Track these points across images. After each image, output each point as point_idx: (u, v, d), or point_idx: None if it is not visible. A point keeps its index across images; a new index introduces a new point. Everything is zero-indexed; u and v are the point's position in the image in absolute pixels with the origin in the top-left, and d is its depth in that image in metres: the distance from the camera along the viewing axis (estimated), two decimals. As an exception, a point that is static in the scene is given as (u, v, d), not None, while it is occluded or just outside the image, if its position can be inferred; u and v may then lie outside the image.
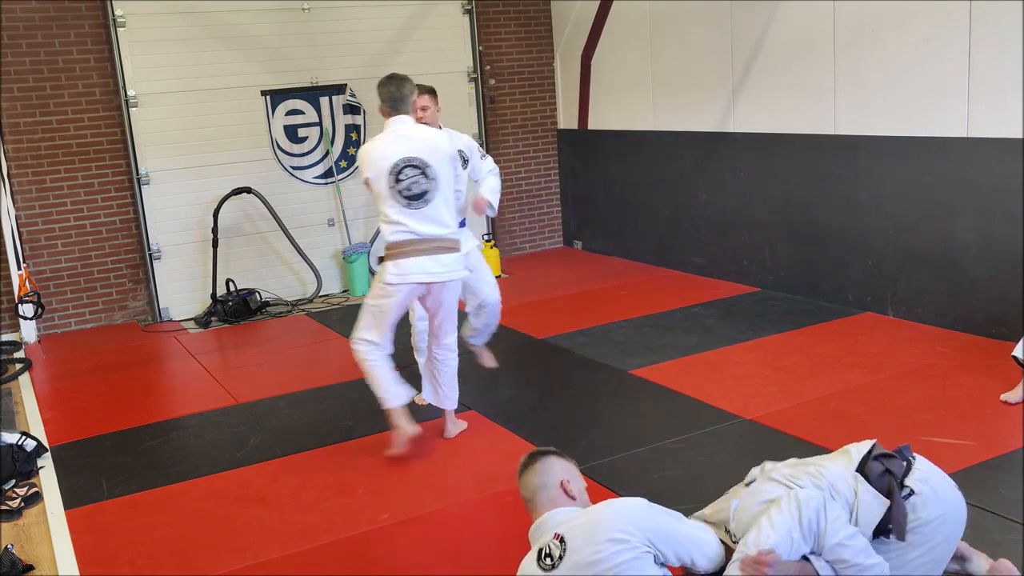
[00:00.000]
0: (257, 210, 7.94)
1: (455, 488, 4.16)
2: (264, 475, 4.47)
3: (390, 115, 4.47)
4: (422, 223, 4.33)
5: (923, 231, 5.95)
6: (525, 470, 2.94)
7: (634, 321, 6.60)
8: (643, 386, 5.30)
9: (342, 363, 5.54)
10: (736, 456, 4.25)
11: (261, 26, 7.88)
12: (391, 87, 4.47)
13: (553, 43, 9.31)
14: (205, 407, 5.49)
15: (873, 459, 2.93)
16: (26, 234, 7.30)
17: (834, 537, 2.72)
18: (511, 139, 9.24)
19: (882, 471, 2.88)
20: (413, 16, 8.50)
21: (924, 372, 5.15)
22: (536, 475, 2.90)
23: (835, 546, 2.71)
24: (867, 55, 6.09)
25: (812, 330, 6.10)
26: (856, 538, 2.74)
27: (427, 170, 4.33)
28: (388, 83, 4.49)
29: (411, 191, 4.31)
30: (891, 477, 2.87)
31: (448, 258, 4.40)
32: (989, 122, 5.42)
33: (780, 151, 6.92)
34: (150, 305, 7.84)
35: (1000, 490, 3.69)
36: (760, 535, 2.74)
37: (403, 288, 4.38)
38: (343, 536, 3.80)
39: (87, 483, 4.49)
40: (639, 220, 8.56)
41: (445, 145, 4.45)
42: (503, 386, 5.54)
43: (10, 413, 5.61)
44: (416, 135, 4.41)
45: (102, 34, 7.37)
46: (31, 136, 7.25)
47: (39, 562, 3.73)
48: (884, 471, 2.88)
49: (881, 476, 2.87)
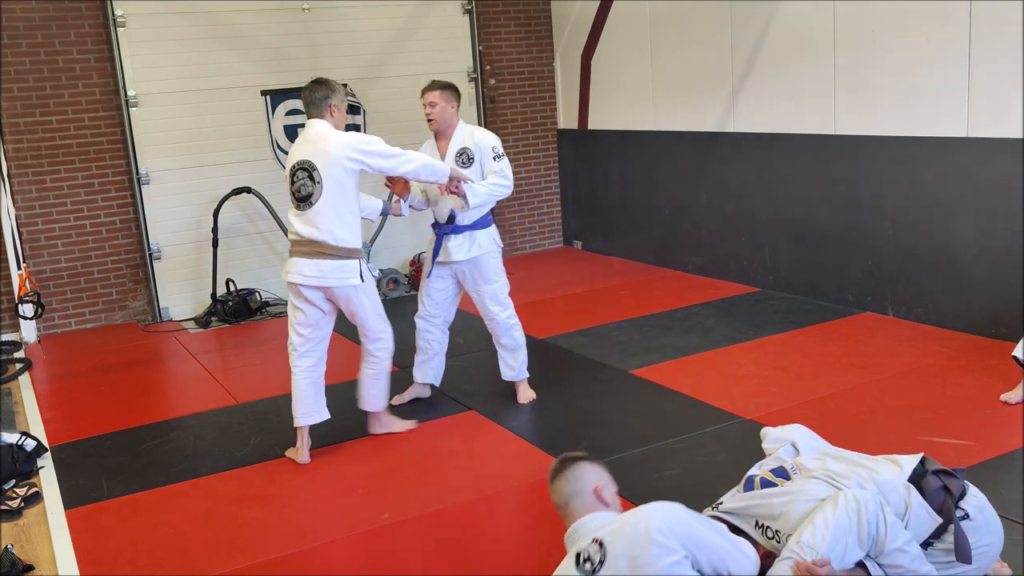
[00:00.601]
0: (257, 210, 7.94)
1: (455, 488, 4.16)
2: (264, 475, 4.46)
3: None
4: (304, 226, 4.40)
5: (923, 231, 5.95)
6: (557, 476, 2.87)
7: (634, 321, 6.60)
8: (643, 386, 5.30)
9: (342, 363, 5.54)
10: (736, 456, 4.24)
11: (261, 26, 7.88)
12: (305, 91, 4.58)
13: (553, 43, 9.31)
14: (205, 407, 5.49)
15: (932, 473, 2.88)
16: (26, 234, 7.30)
17: (894, 542, 2.66)
18: (511, 139, 9.23)
19: (939, 487, 2.84)
20: (413, 16, 8.50)
21: (924, 372, 5.15)
22: (568, 482, 2.84)
23: (894, 551, 2.66)
24: (867, 55, 6.09)
25: (812, 330, 6.10)
26: (913, 544, 2.70)
27: (313, 173, 4.36)
28: (305, 87, 4.60)
29: (300, 193, 4.40)
30: (948, 495, 2.82)
31: (328, 264, 4.39)
32: (989, 122, 5.42)
33: (780, 151, 6.92)
34: (150, 305, 7.84)
35: (1000, 490, 3.69)
36: (815, 535, 2.65)
37: (291, 287, 4.50)
38: (343, 536, 3.80)
39: (87, 483, 4.49)
40: (639, 220, 8.56)
41: (339, 150, 4.36)
42: (503, 386, 5.53)
43: (10, 413, 5.61)
44: (313, 139, 4.44)
45: (102, 34, 7.37)
46: (31, 136, 7.25)
47: (39, 562, 3.73)
48: (942, 487, 2.84)
49: (937, 492, 2.83)
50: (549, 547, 3.53)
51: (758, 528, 2.85)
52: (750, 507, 2.93)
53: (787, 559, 2.67)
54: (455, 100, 4.97)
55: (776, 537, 2.81)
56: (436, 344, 5.22)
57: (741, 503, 2.98)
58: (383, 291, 8.12)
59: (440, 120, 4.93)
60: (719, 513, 3.00)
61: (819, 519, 2.69)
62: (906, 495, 2.82)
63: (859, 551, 2.68)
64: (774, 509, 2.84)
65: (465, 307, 6.20)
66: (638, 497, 3.87)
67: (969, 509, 2.85)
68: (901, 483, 2.85)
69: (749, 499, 2.97)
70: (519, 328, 5.13)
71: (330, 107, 4.50)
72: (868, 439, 4.29)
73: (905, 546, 2.68)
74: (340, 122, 4.54)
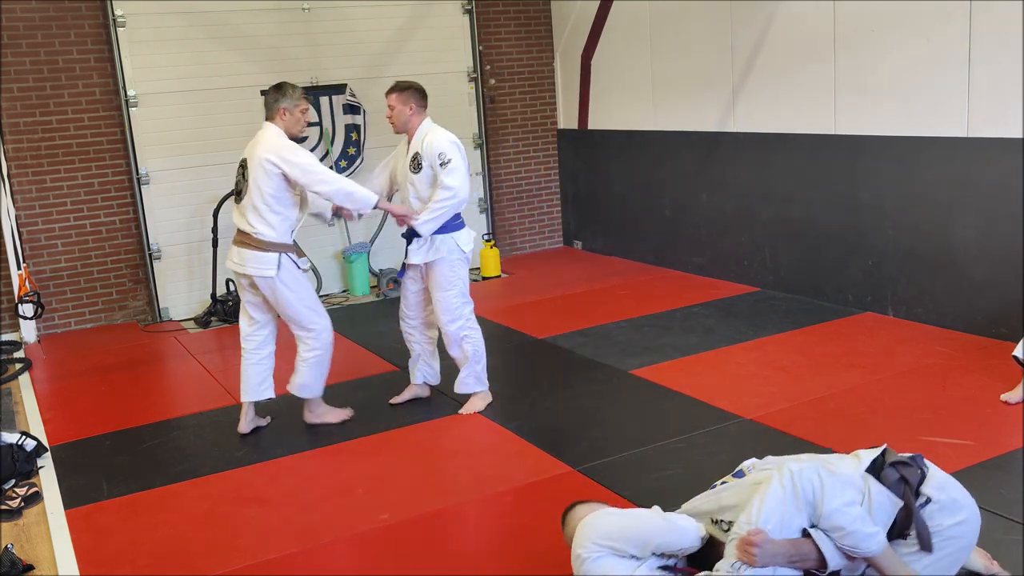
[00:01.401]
0: (257, 210, 7.93)
1: (455, 488, 4.16)
2: (264, 475, 4.47)
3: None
4: (237, 217, 4.83)
5: (923, 231, 5.95)
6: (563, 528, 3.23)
7: (634, 321, 6.60)
8: (643, 386, 5.30)
9: (341, 363, 5.54)
10: (736, 456, 4.23)
11: (261, 26, 7.88)
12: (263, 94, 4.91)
13: (553, 43, 9.31)
14: (205, 407, 5.49)
15: (888, 466, 2.88)
16: (26, 234, 7.30)
17: (831, 503, 2.67)
18: (511, 139, 9.24)
19: (897, 478, 2.83)
20: (413, 16, 8.50)
21: (924, 372, 5.15)
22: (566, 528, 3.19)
23: (832, 512, 2.67)
24: (867, 55, 6.09)
25: (812, 330, 6.10)
26: (853, 506, 2.69)
27: (245, 171, 4.73)
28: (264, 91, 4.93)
29: (236, 187, 4.84)
30: (907, 486, 2.82)
31: (249, 254, 4.72)
32: (989, 122, 5.43)
33: (780, 151, 6.92)
34: (150, 305, 7.84)
35: (1000, 490, 3.69)
36: (752, 512, 2.72)
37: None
38: (343, 536, 3.80)
39: (87, 483, 4.49)
40: (639, 220, 8.56)
41: (264, 153, 4.61)
42: (503, 386, 5.53)
43: (10, 413, 5.61)
44: (256, 139, 4.74)
45: (102, 34, 7.37)
46: (31, 136, 7.26)
47: (39, 562, 3.73)
48: (899, 478, 2.83)
49: (896, 483, 2.83)
50: (549, 547, 3.54)
51: (714, 524, 2.91)
52: (702, 504, 3.02)
53: (732, 539, 2.74)
54: (414, 101, 4.90)
55: (729, 527, 2.85)
56: (417, 345, 5.20)
57: (695, 503, 3.06)
58: (383, 290, 8.13)
59: (398, 123, 4.94)
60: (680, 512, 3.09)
61: (755, 498, 2.76)
62: (863, 484, 2.82)
63: (799, 517, 2.71)
64: (723, 501, 2.93)
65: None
66: (638, 497, 3.88)
67: (930, 492, 2.82)
68: (859, 474, 2.86)
69: (704, 497, 3.06)
70: (472, 341, 4.98)
71: (279, 111, 4.71)
72: (868, 439, 4.28)
73: (844, 507, 2.68)
74: (292, 125, 4.73)
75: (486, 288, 8.24)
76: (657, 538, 2.88)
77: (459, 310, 4.94)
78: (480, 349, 5.04)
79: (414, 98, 4.90)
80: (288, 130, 4.72)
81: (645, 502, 3.83)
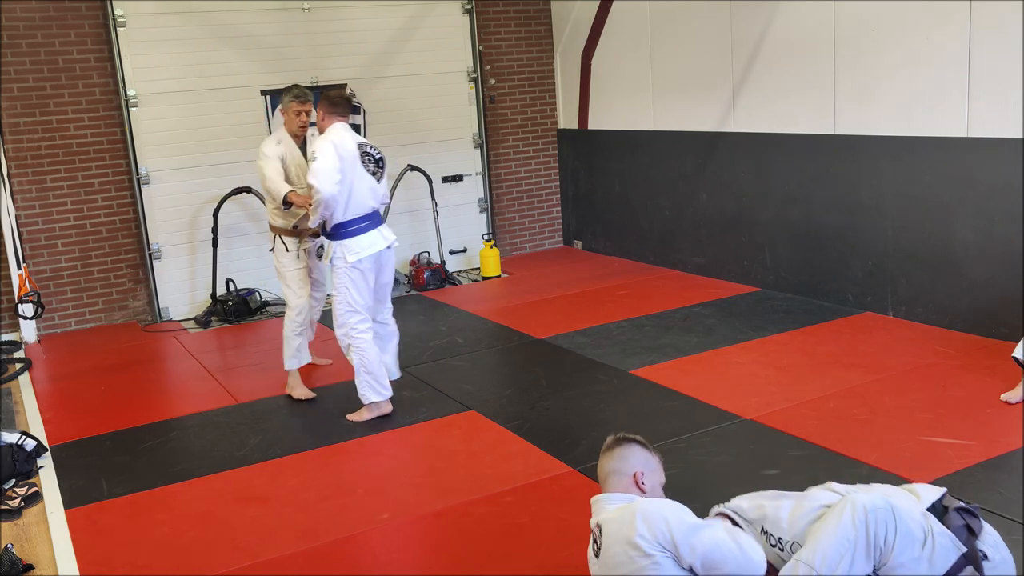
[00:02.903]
0: (257, 210, 7.93)
1: (455, 488, 4.16)
2: (264, 475, 4.46)
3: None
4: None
5: (923, 231, 5.95)
6: (606, 451, 2.95)
7: (634, 321, 6.60)
8: (643, 386, 5.30)
9: (341, 363, 5.54)
10: (736, 456, 4.25)
11: (261, 26, 7.88)
12: None
13: (553, 43, 9.31)
14: (205, 407, 5.49)
15: (954, 511, 2.75)
16: (26, 234, 7.30)
17: (901, 555, 2.49)
18: (511, 139, 9.24)
19: (961, 525, 2.71)
20: (413, 16, 8.50)
21: (924, 372, 5.14)
22: (613, 459, 2.92)
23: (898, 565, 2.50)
24: (867, 55, 6.09)
25: (812, 330, 6.10)
26: (922, 563, 2.52)
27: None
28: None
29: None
30: (971, 535, 2.69)
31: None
32: (989, 122, 5.43)
33: (780, 151, 6.92)
34: (150, 305, 7.84)
35: (1000, 490, 3.69)
36: (816, 550, 2.51)
37: None
38: (343, 536, 3.80)
39: (87, 483, 4.49)
40: (639, 220, 8.56)
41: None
42: (503, 386, 5.54)
43: (10, 413, 5.61)
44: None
45: (102, 34, 7.37)
46: (31, 136, 7.25)
47: (39, 562, 3.73)
48: (964, 526, 2.71)
49: (960, 529, 2.71)
50: (549, 547, 3.54)
51: (763, 534, 2.76)
52: (758, 508, 2.84)
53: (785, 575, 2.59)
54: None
55: (779, 545, 2.72)
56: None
57: (750, 502, 2.89)
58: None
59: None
60: (726, 509, 2.93)
61: (822, 532, 2.54)
62: (924, 522, 2.67)
63: (866, 565, 2.53)
64: (781, 512, 2.75)
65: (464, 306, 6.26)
66: (638, 497, 3.87)
67: (987, 550, 2.72)
68: (919, 511, 2.71)
69: (759, 498, 2.88)
70: (357, 351, 4.98)
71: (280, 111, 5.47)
72: (868, 439, 4.30)
73: (912, 562, 2.51)
74: (288, 123, 5.43)
75: (486, 288, 8.24)
76: (726, 568, 2.57)
77: (343, 317, 4.99)
78: (366, 360, 5.00)
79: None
80: (287, 128, 5.42)
81: (645, 502, 3.83)
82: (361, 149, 4.95)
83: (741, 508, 2.90)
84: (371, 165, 4.97)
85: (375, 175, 4.98)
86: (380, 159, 5.04)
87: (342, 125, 4.98)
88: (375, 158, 5.01)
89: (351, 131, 5.01)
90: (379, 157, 5.04)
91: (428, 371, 5.82)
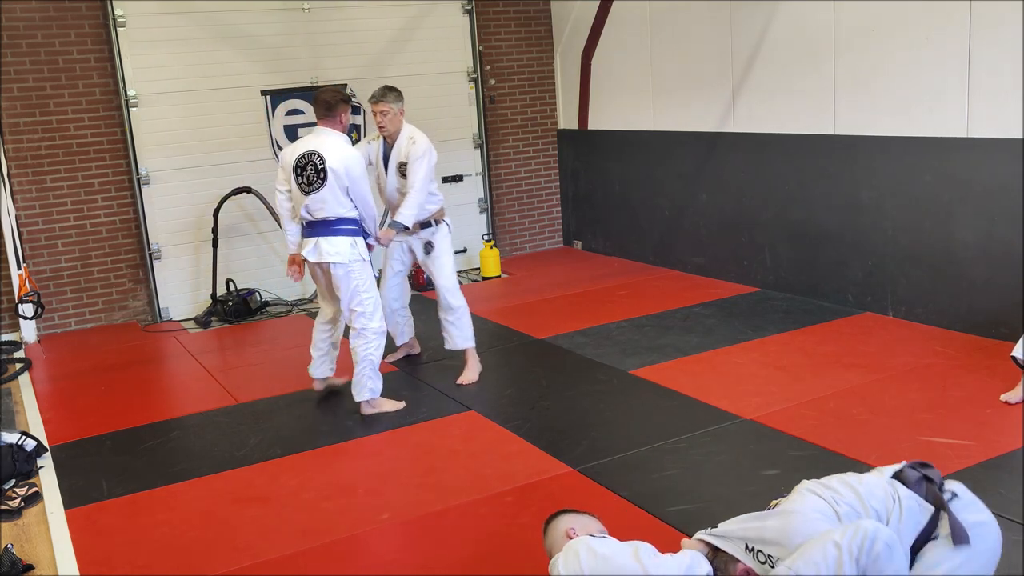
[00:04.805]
0: (257, 210, 7.94)
1: (455, 488, 4.16)
2: (264, 475, 4.46)
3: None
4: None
5: (923, 231, 5.95)
6: (544, 535, 3.14)
7: (634, 321, 6.60)
8: (643, 386, 5.30)
9: (342, 363, 5.54)
10: (736, 456, 4.25)
11: (261, 26, 7.88)
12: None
13: (553, 43, 9.31)
14: (205, 407, 5.49)
15: (908, 466, 2.82)
16: (26, 234, 7.30)
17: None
18: (511, 139, 9.24)
19: (919, 477, 2.77)
20: (413, 16, 8.50)
21: (924, 372, 5.15)
22: (547, 536, 3.11)
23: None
24: (867, 55, 6.09)
25: (812, 330, 6.10)
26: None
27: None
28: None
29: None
30: (930, 484, 2.75)
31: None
32: (989, 122, 5.43)
33: (780, 151, 6.92)
34: (150, 305, 7.84)
35: (1000, 490, 3.69)
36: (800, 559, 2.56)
37: None
38: (343, 536, 3.80)
39: (87, 483, 4.49)
40: (639, 220, 8.56)
41: None
42: (503, 386, 5.54)
43: (10, 413, 5.61)
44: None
45: (102, 34, 7.37)
46: (31, 136, 7.25)
47: (39, 562, 3.73)
48: (921, 477, 2.77)
49: (919, 482, 2.76)
50: (549, 547, 3.53)
51: (748, 552, 2.75)
52: (740, 529, 2.83)
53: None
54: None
55: (769, 562, 2.70)
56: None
57: (733, 525, 2.88)
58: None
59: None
60: (707, 536, 2.90)
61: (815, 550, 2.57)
62: (891, 490, 2.77)
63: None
64: (765, 533, 2.75)
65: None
66: (638, 497, 3.88)
67: (954, 488, 2.78)
68: (885, 480, 2.81)
69: (742, 521, 2.87)
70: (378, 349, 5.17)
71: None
72: (868, 439, 4.30)
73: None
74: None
75: (486, 288, 8.24)
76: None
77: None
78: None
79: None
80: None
81: (644, 502, 3.83)
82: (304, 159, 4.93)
83: (723, 532, 2.89)
84: (305, 177, 4.93)
85: (310, 186, 4.91)
86: (322, 170, 4.88)
87: (318, 129, 5.11)
88: (317, 168, 4.90)
89: (320, 136, 5.03)
90: (321, 167, 4.89)
91: (428, 371, 5.82)
